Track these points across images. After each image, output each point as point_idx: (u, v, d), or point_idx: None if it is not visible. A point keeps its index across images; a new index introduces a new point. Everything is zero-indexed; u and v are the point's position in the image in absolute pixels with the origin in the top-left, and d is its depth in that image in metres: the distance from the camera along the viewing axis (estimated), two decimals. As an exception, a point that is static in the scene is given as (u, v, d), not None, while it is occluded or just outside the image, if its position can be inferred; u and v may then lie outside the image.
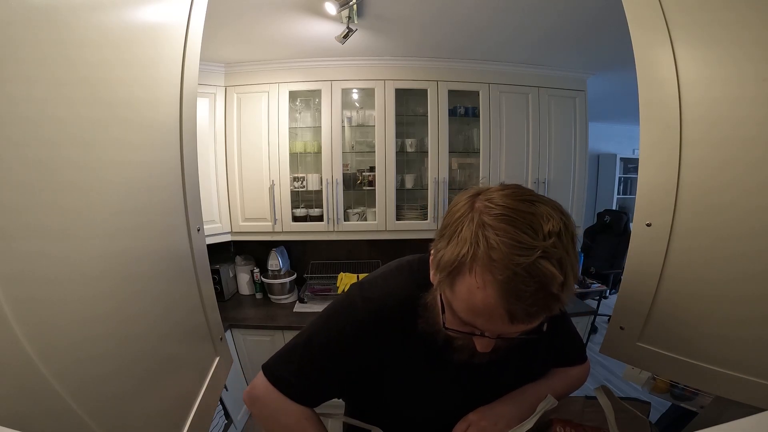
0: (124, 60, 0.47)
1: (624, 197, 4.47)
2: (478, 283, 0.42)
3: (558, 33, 1.64)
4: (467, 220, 0.45)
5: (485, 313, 0.44)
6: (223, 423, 1.85)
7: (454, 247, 0.45)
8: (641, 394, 0.80)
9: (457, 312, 0.47)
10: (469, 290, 0.43)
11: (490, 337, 0.47)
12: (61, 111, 0.37)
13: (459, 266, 0.44)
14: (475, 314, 0.45)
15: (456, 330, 0.49)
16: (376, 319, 0.58)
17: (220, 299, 1.99)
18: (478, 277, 0.42)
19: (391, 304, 0.59)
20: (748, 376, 0.52)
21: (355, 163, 2.23)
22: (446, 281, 0.46)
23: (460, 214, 0.47)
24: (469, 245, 0.43)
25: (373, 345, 0.59)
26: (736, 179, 0.51)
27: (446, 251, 0.46)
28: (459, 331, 0.49)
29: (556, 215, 0.43)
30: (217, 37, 1.63)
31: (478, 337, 0.48)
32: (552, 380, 0.67)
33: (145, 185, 0.53)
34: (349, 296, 0.62)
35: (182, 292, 0.65)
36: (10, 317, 0.30)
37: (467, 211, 0.46)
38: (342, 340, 0.59)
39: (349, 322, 0.59)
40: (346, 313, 0.61)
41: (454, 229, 0.46)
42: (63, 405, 0.35)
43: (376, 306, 0.59)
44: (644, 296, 0.62)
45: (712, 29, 0.52)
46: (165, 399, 0.56)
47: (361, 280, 0.65)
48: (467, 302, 0.45)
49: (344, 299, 0.62)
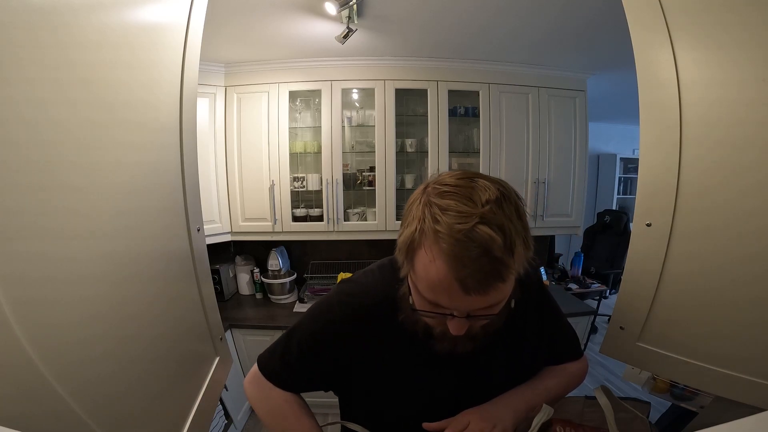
0: (125, 61, 0.47)
1: (624, 197, 4.47)
2: (429, 257, 0.44)
3: (558, 33, 1.64)
4: (417, 203, 0.48)
5: (441, 286, 0.45)
6: (223, 423, 1.85)
7: (407, 227, 0.48)
8: (641, 394, 0.80)
9: (421, 293, 0.48)
10: (424, 266, 0.46)
11: (458, 315, 0.48)
12: (62, 112, 0.37)
13: (412, 244, 0.47)
14: (434, 291, 0.47)
15: (426, 312, 0.50)
16: (353, 319, 0.60)
17: (220, 299, 1.99)
18: (428, 251, 0.45)
19: (368, 302, 0.61)
20: (748, 376, 0.52)
21: (355, 163, 2.23)
22: (407, 263, 0.49)
23: (413, 200, 0.50)
24: (418, 221, 0.46)
25: (351, 343, 0.60)
26: (736, 179, 0.51)
27: (403, 233, 0.49)
28: (429, 312, 0.50)
29: (494, 186, 0.46)
30: (217, 38, 1.63)
31: (449, 319, 0.49)
32: (546, 379, 0.67)
33: (145, 186, 0.53)
34: (329, 296, 0.65)
35: (182, 292, 0.65)
36: (11, 318, 0.30)
37: (419, 196, 0.49)
38: (319, 339, 0.62)
39: (326, 321, 0.62)
40: (325, 312, 0.63)
41: (407, 213, 0.50)
42: (63, 405, 0.35)
43: (352, 307, 0.61)
44: (644, 296, 0.62)
45: (712, 31, 0.52)
46: (165, 399, 0.56)
47: (344, 279, 0.68)
48: (426, 279, 0.46)
49: (325, 299, 0.65)
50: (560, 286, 2.53)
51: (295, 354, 0.63)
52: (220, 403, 1.85)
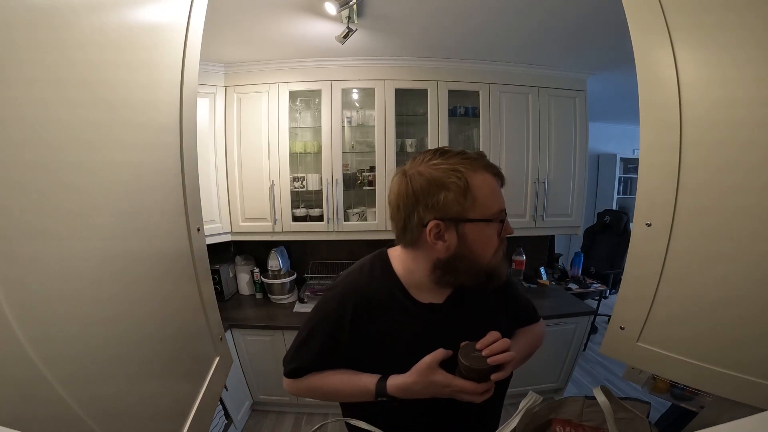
0: (125, 61, 0.47)
1: (624, 197, 4.47)
2: (479, 178, 0.64)
3: (558, 33, 1.64)
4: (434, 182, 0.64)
5: (494, 188, 0.66)
6: (223, 423, 1.85)
7: (444, 190, 0.64)
8: (641, 394, 0.80)
9: (488, 209, 0.65)
10: (481, 184, 0.64)
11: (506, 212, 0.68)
12: (63, 112, 0.37)
13: (465, 185, 0.63)
14: (494, 195, 0.66)
15: (503, 212, 0.68)
16: (349, 296, 0.74)
17: (220, 299, 1.99)
18: (476, 176, 0.64)
19: (352, 292, 0.74)
20: (748, 376, 0.52)
21: (355, 163, 2.23)
22: (468, 203, 0.64)
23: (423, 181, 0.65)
24: (453, 175, 0.63)
25: (347, 323, 0.72)
26: (737, 179, 0.51)
27: (442, 196, 0.64)
28: (503, 213, 0.67)
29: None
30: (218, 37, 1.63)
31: (507, 221, 0.68)
32: (518, 339, 0.80)
33: (145, 186, 0.53)
34: (322, 297, 0.79)
35: (182, 292, 0.65)
36: (11, 319, 0.30)
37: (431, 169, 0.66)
38: (324, 327, 0.75)
39: (326, 308, 0.76)
40: (322, 305, 0.77)
41: (433, 190, 0.64)
42: (63, 406, 0.35)
43: (341, 294, 0.75)
44: (644, 296, 0.62)
45: (712, 31, 0.52)
46: (165, 399, 0.56)
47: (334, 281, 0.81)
48: (486, 191, 0.65)
49: (319, 301, 0.79)
50: (560, 286, 2.53)
51: (310, 344, 0.76)
52: (220, 403, 1.85)
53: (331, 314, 0.74)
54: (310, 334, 0.76)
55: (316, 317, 0.76)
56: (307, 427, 2.12)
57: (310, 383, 0.76)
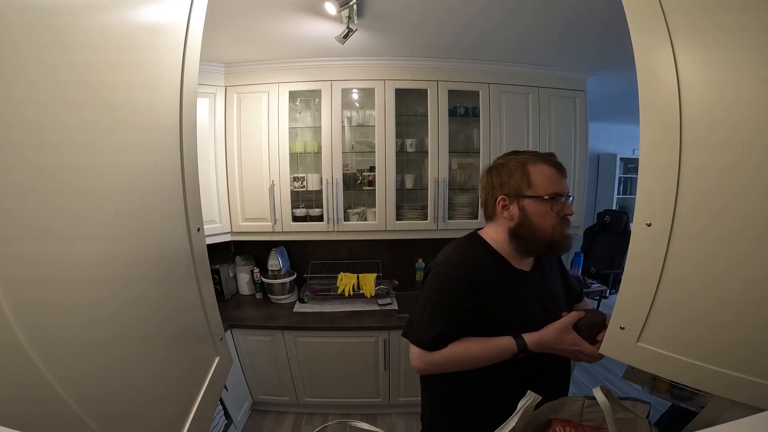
0: (126, 62, 0.47)
1: (624, 197, 4.47)
2: (538, 168, 0.86)
3: (559, 34, 1.64)
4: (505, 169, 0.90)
5: (552, 174, 0.85)
6: (223, 423, 1.85)
7: (509, 177, 0.88)
8: (641, 394, 0.80)
9: (545, 193, 0.84)
10: (539, 173, 0.86)
11: (567, 194, 0.87)
12: (65, 114, 0.37)
13: (523, 174, 0.86)
14: (552, 180, 0.85)
15: (557, 193, 0.85)
16: (460, 273, 0.86)
17: (220, 299, 1.99)
18: (535, 166, 0.87)
19: (464, 263, 0.88)
20: (748, 376, 0.52)
21: (355, 163, 2.23)
22: (527, 187, 0.85)
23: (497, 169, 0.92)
24: (516, 167, 0.88)
25: (468, 290, 0.84)
26: (737, 180, 0.51)
27: (507, 182, 0.88)
28: (558, 194, 0.85)
29: None
30: (218, 37, 1.63)
31: (566, 202, 0.86)
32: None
33: (145, 186, 0.53)
34: (435, 272, 0.89)
35: (182, 292, 0.65)
36: (11, 319, 0.30)
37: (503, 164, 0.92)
38: (450, 296, 0.85)
39: (446, 281, 0.86)
40: (442, 279, 0.87)
41: (503, 175, 0.89)
42: (64, 406, 0.35)
43: (456, 265, 0.88)
44: (644, 296, 0.62)
45: (712, 33, 0.52)
46: (165, 399, 0.56)
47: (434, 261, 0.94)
48: (544, 178, 0.85)
49: (432, 276, 0.89)
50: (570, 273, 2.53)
51: (441, 315, 0.85)
52: (220, 403, 1.85)
53: (453, 285, 0.85)
54: (437, 306, 0.85)
55: (438, 289, 0.86)
56: (307, 427, 2.12)
57: (453, 351, 0.84)
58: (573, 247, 3.06)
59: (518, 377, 0.85)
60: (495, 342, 0.83)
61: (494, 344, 0.83)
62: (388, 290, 2.26)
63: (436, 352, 0.84)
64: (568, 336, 0.80)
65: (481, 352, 0.83)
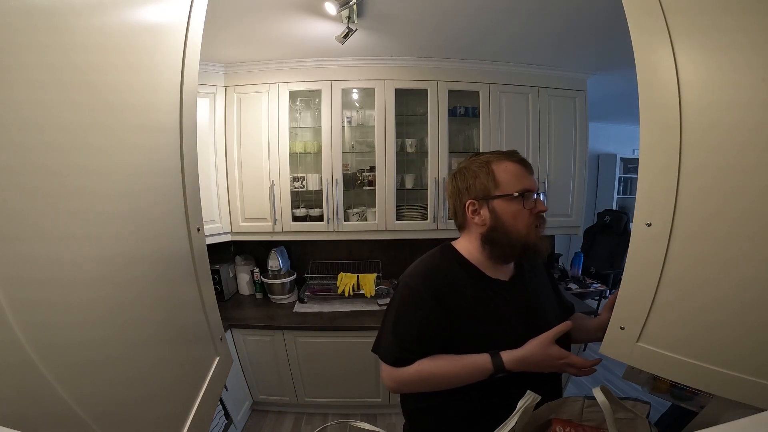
0: (127, 63, 0.47)
1: (624, 197, 4.47)
2: (502, 166, 0.82)
3: (559, 34, 1.64)
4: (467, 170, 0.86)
5: (517, 171, 0.81)
6: (223, 423, 1.85)
7: (473, 179, 0.83)
8: (641, 394, 0.80)
9: (512, 190, 0.79)
10: (504, 171, 0.81)
11: (536, 191, 0.81)
12: (66, 116, 0.37)
13: (488, 174, 0.81)
14: (518, 177, 0.80)
15: (525, 190, 0.79)
16: (429, 281, 0.81)
17: (220, 299, 1.98)
18: (498, 164, 0.82)
19: (433, 276, 0.82)
20: (748, 376, 0.52)
21: (355, 163, 2.23)
22: (493, 186, 0.80)
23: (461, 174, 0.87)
24: (480, 168, 0.83)
25: (433, 302, 0.78)
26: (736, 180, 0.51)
27: (473, 184, 0.83)
28: (526, 190, 0.79)
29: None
30: (218, 38, 1.63)
31: (537, 199, 0.80)
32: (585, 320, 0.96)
33: (146, 187, 0.53)
34: (401, 285, 0.84)
35: (182, 292, 0.65)
36: (11, 319, 0.30)
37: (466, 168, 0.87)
38: (416, 309, 0.80)
39: (413, 296, 0.81)
40: (408, 294, 0.82)
41: (468, 178, 0.84)
42: (64, 406, 0.35)
43: (421, 276, 0.83)
44: (644, 296, 0.62)
45: (712, 33, 0.52)
46: (165, 399, 0.56)
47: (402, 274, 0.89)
48: (509, 175, 0.81)
49: (399, 289, 0.85)
50: (560, 286, 2.53)
51: (408, 335, 0.80)
52: (220, 403, 1.85)
53: (418, 297, 0.80)
54: (401, 319, 0.81)
55: (403, 302, 0.82)
56: (307, 427, 2.12)
57: (421, 369, 0.77)
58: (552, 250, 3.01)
59: (502, 397, 0.74)
60: (469, 360, 0.76)
61: (468, 362, 0.76)
62: (388, 290, 2.26)
63: (403, 369, 0.78)
64: (552, 350, 0.74)
65: (452, 371, 0.76)
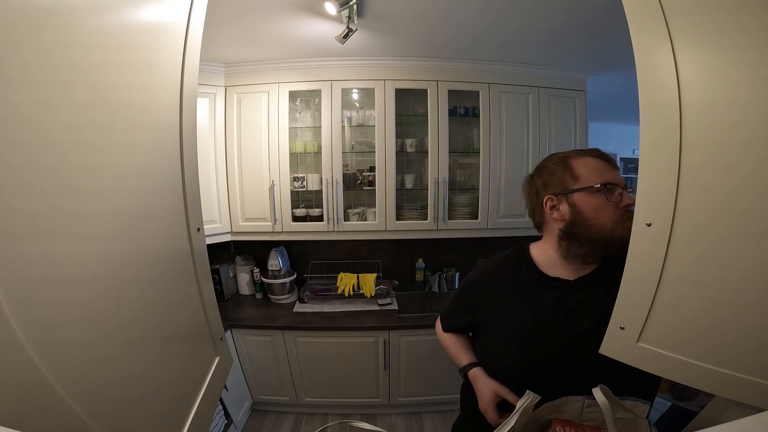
0: (127, 62, 0.47)
1: (624, 197, 4.47)
2: (581, 161, 0.80)
3: (559, 34, 1.64)
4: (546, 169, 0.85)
5: (599, 165, 0.78)
6: (223, 423, 1.85)
7: (550, 175, 0.82)
8: (641, 394, 0.80)
9: (592, 180, 0.75)
10: (583, 166, 0.79)
11: (622, 185, 0.76)
12: (67, 115, 0.37)
13: (566, 169, 0.80)
14: (599, 171, 0.77)
15: (613, 183, 0.75)
16: (482, 276, 0.93)
17: (220, 299, 1.99)
18: (578, 159, 0.80)
19: (491, 267, 0.92)
20: (748, 376, 0.52)
21: (355, 163, 2.23)
22: (571, 181, 0.78)
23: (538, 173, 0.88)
24: (558, 165, 0.83)
25: (483, 294, 0.90)
26: (736, 179, 0.51)
27: (551, 180, 0.82)
28: (613, 183, 0.75)
29: None
30: (218, 38, 1.63)
31: (624, 193, 0.74)
32: None
33: (146, 186, 0.53)
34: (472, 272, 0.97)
35: (182, 292, 0.65)
36: (11, 319, 0.30)
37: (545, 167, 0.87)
38: (464, 293, 0.97)
39: (465, 282, 0.98)
40: (464, 280, 0.99)
41: (545, 175, 0.84)
42: (63, 406, 0.35)
43: (480, 270, 0.94)
44: (644, 296, 0.62)
45: (712, 33, 0.52)
46: (165, 399, 0.56)
47: None
48: (590, 170, 0.77)
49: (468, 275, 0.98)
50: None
51: (451, 307, 1.00)
52: (220, 403, 1.85)
53: (464, 284, 0.97)
54: (452, 296, 1.02)
55: (460, 285, 1.00)
56: (307, 427, 2.12)
57: (444, 338, 1.00)
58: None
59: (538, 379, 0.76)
60: (458, 353, 0.93)
61: (456, 354, 0.94)
62: (388, 290, 2.26)
63: (440, 330, 1.01)
64: (486, 407, 0.78)
65: (450, 354, 0.96)
